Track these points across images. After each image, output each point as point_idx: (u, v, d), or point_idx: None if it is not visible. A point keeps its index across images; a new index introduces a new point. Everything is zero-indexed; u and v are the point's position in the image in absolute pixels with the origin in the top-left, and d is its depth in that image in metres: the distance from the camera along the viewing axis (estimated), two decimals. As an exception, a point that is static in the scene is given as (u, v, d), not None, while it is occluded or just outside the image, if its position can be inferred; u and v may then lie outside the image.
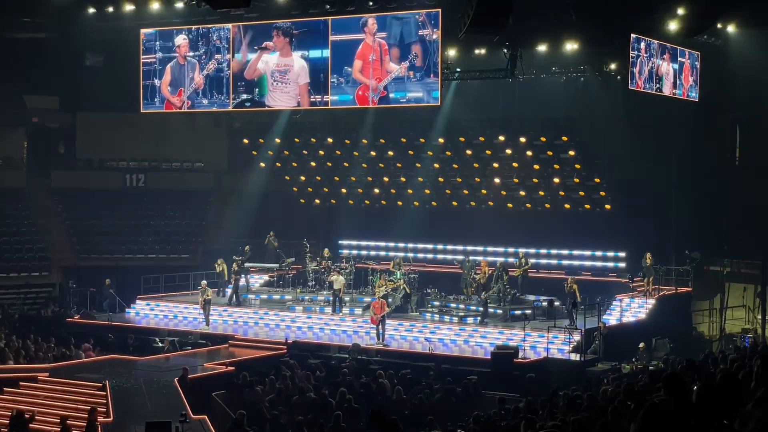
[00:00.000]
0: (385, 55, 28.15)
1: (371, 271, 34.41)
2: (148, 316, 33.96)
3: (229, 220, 39.92)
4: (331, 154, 39.56)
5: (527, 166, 35.08)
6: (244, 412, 20.23)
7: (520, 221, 35.55)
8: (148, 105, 32.28)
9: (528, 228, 35.15)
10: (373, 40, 28.21)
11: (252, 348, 28.60)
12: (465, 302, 31.78)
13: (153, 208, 41.57)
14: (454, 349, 28.23)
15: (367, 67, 28.37)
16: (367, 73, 28.32)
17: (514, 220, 35.65)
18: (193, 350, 28.85)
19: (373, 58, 28.29)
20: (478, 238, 35.63)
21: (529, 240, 34.76)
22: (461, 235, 36.41)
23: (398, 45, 27.98)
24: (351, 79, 28.55)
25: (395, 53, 28.05)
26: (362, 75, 28.40)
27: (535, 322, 29.08)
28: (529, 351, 26.52)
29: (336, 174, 40.13)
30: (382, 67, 28.18)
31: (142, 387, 24.08)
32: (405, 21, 27.85)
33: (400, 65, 27.85)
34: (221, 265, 34.33)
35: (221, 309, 32.96)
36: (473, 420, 16.22)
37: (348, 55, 28.59)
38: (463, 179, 37.07)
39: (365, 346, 27.65)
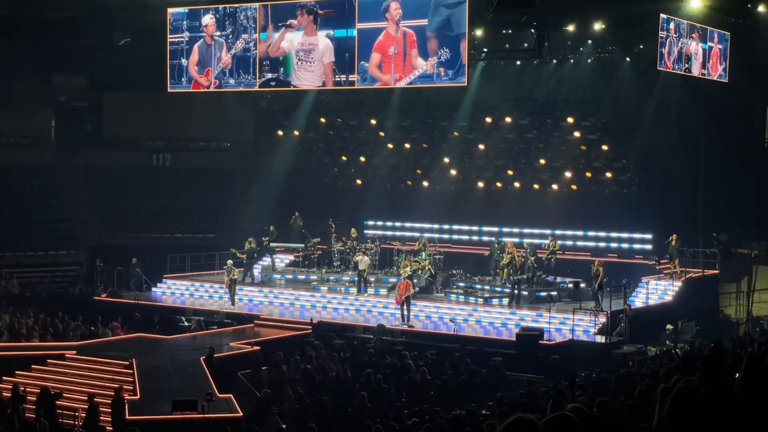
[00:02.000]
0: (411, 48, 26.63)
1: (396, 251, 34.42)
2: (174, 294, 34.14)
3: (254, 200, 39.99)
4: (356, 135, 39.51)
5: (554, 147, 34.89)
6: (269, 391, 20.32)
7: (546, 203, 35.43)
8: (175, 85, 32.31)
9: (554, 209, 35.01)
10: (396, 29, 27.29)
11: (277, 328, 28.69)
12: (490, 283, 31.71)
13: (179, 187, 41.69)
14: (479, 330, 28.23)
15: (387, 61, 27.08)
16: (387, 68, 27.37)
17: (540, 201, 35.52)
18: (218, 329, 28.98)
19: (394, 51, 27.12)
20: (504, 220, 35.52)
21: (555, 222, 34.62)
22: (487, 216, 36.31)
23: (438, 36, 26.32)
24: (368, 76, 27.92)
25: (432, 46, 26.22)
26: (380, 71, 27.51)
27: (560, 304, 29.03)
28: (554, 333, 26.47)
29: (361, 154, 40.09)
30: (405, 62, 26.89)
31: (169, 365, 24.22)
32: (455, 6, 25.48)
33: (428, 61, 26.76)
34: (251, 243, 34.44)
35: (247, 288, 33.09)
36: (497, 402, 16.21)
37: (369, 45, 27.76)
38: (489, 160, 36.93)
39: (390, 327, 27.66)
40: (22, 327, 27.91)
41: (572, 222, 34.82)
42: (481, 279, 32.31)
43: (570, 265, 32.64)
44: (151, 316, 30.05)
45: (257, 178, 40.72)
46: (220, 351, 24.72)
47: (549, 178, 35.64)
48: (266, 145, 41.86)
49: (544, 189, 35.86)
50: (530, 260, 30.29)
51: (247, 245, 34.10)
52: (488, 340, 26.46)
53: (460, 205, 37.24)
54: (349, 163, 40.79)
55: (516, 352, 24.90)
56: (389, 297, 31.21)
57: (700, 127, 32.90)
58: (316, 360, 23.59)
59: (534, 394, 16.68)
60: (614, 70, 32.50)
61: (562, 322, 27.38)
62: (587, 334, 26.66)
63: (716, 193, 32.79)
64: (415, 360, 23.17)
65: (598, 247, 34.22)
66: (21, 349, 25.64)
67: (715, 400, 5.00)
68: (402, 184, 39.79)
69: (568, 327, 26.66)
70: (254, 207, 39.40)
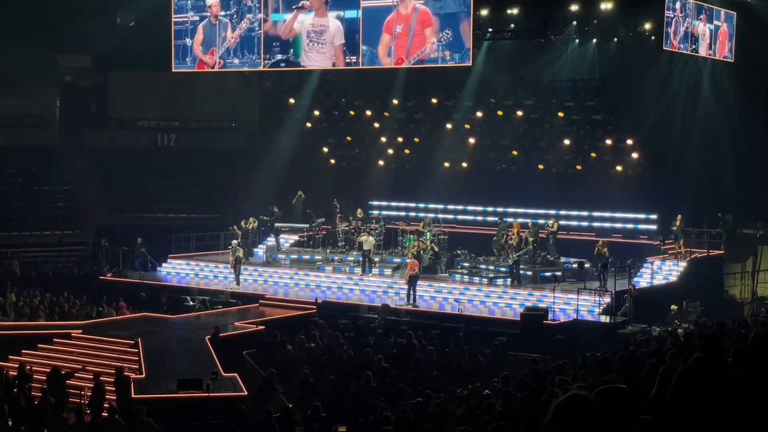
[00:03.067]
0: (423, 26, 26.62)
1: (401, 231, 34.43)
2: (179, 274, 34.24)
3: (259, 180, 40.00)
4: (361, 115, 39.45)
5: (559, 127, 34.81)
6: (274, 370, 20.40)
7: (550, 183, 35.30)
8: (180, 64, 32.29)
9: (559, 190, 34.94)
10: (407, 7, 27.24)
11: (282, 308, 28.76)
12: (495, 263, 31.74)
13: (184, 167, 41.70)
14: (483, 310, 28.28)
15: (401, 41, 27.17)
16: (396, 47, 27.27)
17: (545, 181, 35.40)
18: (223, 309, 29.08)
19: (400, 30, 27.03)
20: (509, 200, 35.46)
21: (559, 202, 34.58)
22: (492, 196, 36.26)
23: (441, 16, 26.42)
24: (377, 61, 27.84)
25: (435, 26, 26.28)
26: (387, 51, 27.34)
27: (564, 284, 29.04)
28: (558, 313, 26.51)
29: (366, 134, 40.03)
30: (411, 42, 26.88)
31: (174, 345, 24.32)
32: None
33: (431, 42, 26.61)
34: (253, 223, 34.49)
35: (252, 268, 33.16)
36: (501, 380, 16.26)
37: (378, 24, 27.72)
38: (494, 141, 36.85)
39: (395, 306, 27.73)
40: (27, 306, 28.01)
41: (577, 202, 34.77)
42: (486, 259, 32.32)
43: (574, 245, 32.64)
44: (156, 295, 30.13)
45: (262, 158, 40.71)
46: (225, 330, 24.79)
47: (553, 158, 35.55)
48: (271, 125, 41.81)
49: (549, 169, 35.79)
50: (530, 240, 30.21)
51: (243, 224, 34.08)
52: (493, 320, 26.52)
53: (464, 185, 37.17)
54: (354, 143, 40.73)
55: (520, 331, 24.97)
56: (394, 277, 31.26)
57: (707, 107, 32.80)
58: (321, 339, 23.66)
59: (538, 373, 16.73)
60: (620, 49, 32.40)
61: (566, 302, 27.40)
62: (592, 314, 26.71)
63: (722, 173, 32.70)
64: (419, 339, 23.22)
65: (603, 227, 34.20)
66: (27, 328, 25.76)
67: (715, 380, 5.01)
68: (407, 165, 39.73)
69: (573, 307, 26.69)
70: (259, 187, 39.42)
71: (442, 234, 33.23)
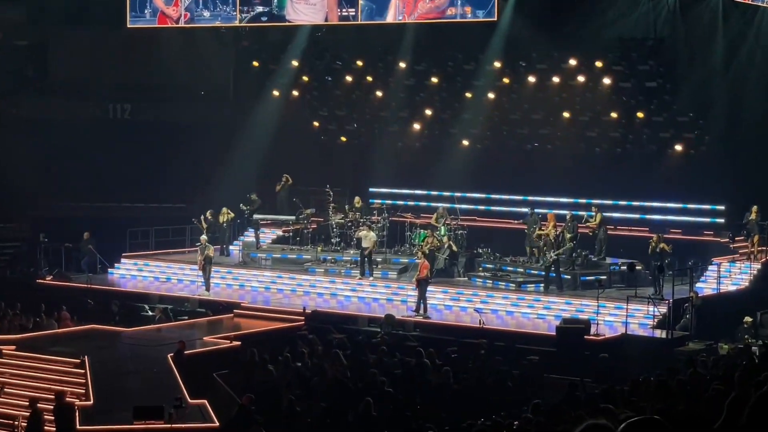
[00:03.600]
0: None
1: (409, 225, 34.40)
2: (135, 278, 34.23)
3: (235, 161, 39.91)
4: (360, 81, 39.37)
5: (604, 97, 34.73)
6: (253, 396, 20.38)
7: (594, 166, 35.27)
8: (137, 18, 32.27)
9: (604, 174, 34.89)
10: None
11: (262, 319, 28.78)
12: (525, 265, 31.69)
13: (141, 145, 41.57)
14: (511, 322, 28.27)
15: None
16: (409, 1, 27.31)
17: (587, 164, 35.37)
18: (190, 320, 29.09)
19: None
20: (542, 187, 35.42)
21: (604, 189, 34.53)
22: (521, 182, 36.21)
23: None
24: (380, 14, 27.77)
25: None
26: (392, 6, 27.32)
27: (611, 291, 29.01)
28: (603, 326, 26.48)
29: (366, 106, 39.95)
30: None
31: (129, 364, 24.31)
32: None
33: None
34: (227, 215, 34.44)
35: (224, 270, 33.14)
36: (532, 409, 16.24)
37: None
38: (524, 113, 36.78)
39: (401, 318, 27.72)
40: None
41: (626, 190, 34.71)
42: (513, 259, 32.28)
43: (622, 242, 32.60)
44: (107, 303, 30.11)
45: (238, 134, 40.60)
46: (192, 347, 24.79)
47: (598, 135, 35.49)
48: (249, 94, 41.69)
49: (592, 149, 35.73)
50: (567, 236, 30.20)
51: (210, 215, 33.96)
52: (522, 335, 26.50)
53: (487, 168, 37.10)
54: (351, 116, 40.66)
55: (556, 349, 24.95)
56: (400, 281, 31.23)
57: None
58: (310, 358, 23.66)
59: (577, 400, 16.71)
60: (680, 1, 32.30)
61: (612, 312, 27.40)
62: (644, 327, 26.70)
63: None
64: (431, 359, 23.21)
65: (659, 220, 34.16)
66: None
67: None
68: (416, 143, 39.67)
69: (621, 319, 26.66)
70: (234, 170, 39.33)
71: (459, 228, 33.19)
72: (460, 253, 32.22)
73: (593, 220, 31.95)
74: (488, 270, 31.78)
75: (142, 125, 41.70)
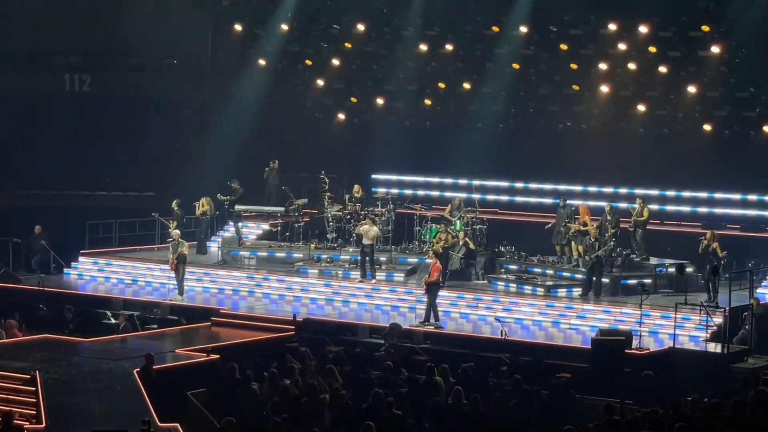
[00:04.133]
0: None
1: (418, 219, 34.40)
2: (95, 279, 34.21)
3: (213, 143, 39.91)
4: (362, 49, 39.34)
5: (649, 68, 34.70)
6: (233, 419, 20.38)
7: (636, 150, 35.25)
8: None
9: (648, 160, 34.90)
10: None
11: (245, 328, 28.72)
12: (555, 266, 31.66)
13: (104, 123, 41.53)
14: (538, 334, 28.25)
15: None
16: None
17: (628, 148, 35.33)
18: (160, 329, 29.06)
19: None
20: (576, 175, 35.42)
21: (648, 178, 34.56)
22: (550, 169, 36.22)
23: None
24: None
25: None
26: None
27: (656, 297, 29.00)
28: (646, 339, 26.45)
29: (369, 78, 39.91)
30: None
31: (88, 381, 24.27)
32: None
33: None
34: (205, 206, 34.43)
35: (201, 271, 33.19)
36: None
37: None
38: (555, 88, 36.74)
39: (408, 327, 27.72)
40: None
41: (675, 178, 34.72)
42: (542, 259, 32.25)
43: (671, 240, 32.58)
44: (62, 309, 30.08)
45: (217, 110, 40.58)
46: (163, 361, 24.74)
47: (643, 115, 35.45)
48: (229, 63, 41.66)
49: (635, 130, 35.68)
50: (610, 231, 30.19)
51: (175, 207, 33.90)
52: (551, 348, 26.47)
53: (511, 152, 37.10)
54: (351, 90, 40.61)
55: (591, 365, 24.90)
56: (408, 284, 31.22)
57: None
58: (302, 375, 23.65)
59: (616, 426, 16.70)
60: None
61: (658, 322, 27.40)
62: (695, 340, 26.67)
63: None
64: (444, 376, 23.20)
65: (713, 214, 34.14)
66: None
67: None
68: (427, 122, 39.65)
69: (668, 330, 26.66)
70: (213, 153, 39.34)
71: (478, 222, 33.19)
72: (478, 252, 32.23)
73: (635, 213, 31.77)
74: (512, 272, 31.75)
75: (104, 99, 41.61)
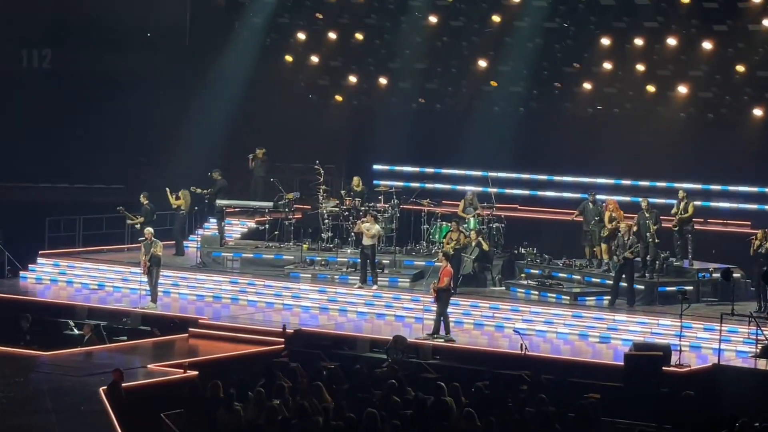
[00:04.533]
0: None
1: (426, 216, 34.34)
2: (56, 282, 34.19)
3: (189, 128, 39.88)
4: (360, 21, 39.32)
5: (692, 44, 34.68)
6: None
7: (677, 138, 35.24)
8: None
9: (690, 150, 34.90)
10: None
11: (227, 341, 28.72)
12: (583, 271, 31.60)
13: (66, 105, 41.53)
14: (563, 348, 28.21)
15: None
16: None
17: (669, 135, 35.32)
18: (130, 342, 29.03)
19: None
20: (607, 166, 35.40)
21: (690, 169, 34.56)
22: (577, 159, 36.20)
23: None
24: None
25: None
26: None
27: (699, 306, 28.95)
28: (687, 354, 26.40)
29: (369, 54, 39.89)
30: None
31: (47, 400, 24.25)
32: None
33: None
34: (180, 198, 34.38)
35: (178, 275, 33.15)
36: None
37: None
38: (585, 66, 36.72)
39: (414, 340, 27.69)
40: None
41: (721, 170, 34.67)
42: (568, 263, 32.19)
43: (715, 240, 32.52)
44: (17, 318, 30.07)
45: (195, 91, 40.56)
46: (133, 378, 24.71)
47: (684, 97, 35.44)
48: (210, 38, 41.67)
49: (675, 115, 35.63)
50: (651, 229, 30.09)
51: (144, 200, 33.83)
52: (578, 365, 26.44)
53: (533, 140, 37.09)
54: (348, 67, 40.58)
55: (624, 384, 24.86)
56: (414, 291, 31.16)
57: None
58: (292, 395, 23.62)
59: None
60: None
61: (701, 336, 27.36)
62: (743, 356, 26.58)
63: None
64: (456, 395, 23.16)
65: (764, 210, 34.10)
66: None
67: None
68: (436, 104, 39.61)
69: (712, 345, 26.64)
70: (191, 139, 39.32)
71: (494, 220, 33.15)
72: (494, 254, 32.16)
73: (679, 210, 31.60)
74: (533, 277, 31.68)
75: (67, 78, 41.62)
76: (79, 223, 35.83)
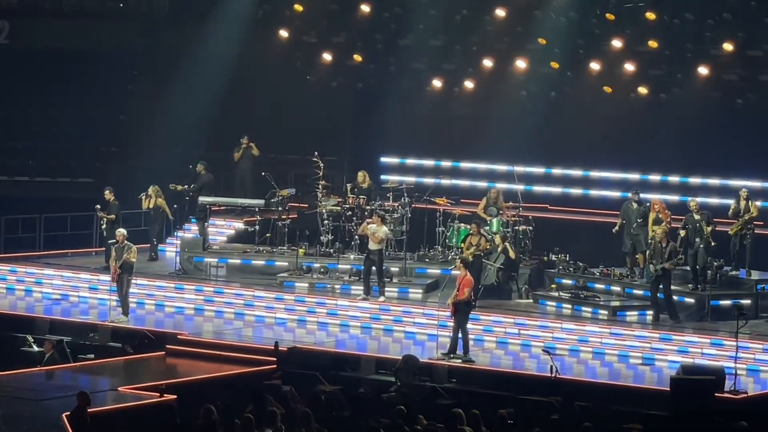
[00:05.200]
0: None
1: (441, 217, 34.36)
2: (12, 291, 34.22)
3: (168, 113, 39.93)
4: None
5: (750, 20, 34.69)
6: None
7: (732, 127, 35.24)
8: None
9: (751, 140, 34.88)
10: None
11: (210, 360, 28.71)
12: (623, 282, 31.58)
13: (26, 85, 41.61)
14: (600, 371, 28.19)
15: None
16: None
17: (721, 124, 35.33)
18: (98, 360, 29.04)
19: None
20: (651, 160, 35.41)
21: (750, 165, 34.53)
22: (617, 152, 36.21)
23: None
24: None
25: None
26: None
27: (757, 323, 28.96)
28: (743, 378, 26.38)
29: (377, 31, 39.93)
30: None
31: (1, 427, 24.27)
32: None
33: None
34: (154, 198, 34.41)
35: (153, 284, 33.14)
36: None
37: None
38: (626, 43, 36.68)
39: (428, 360, 27.69)
40: None
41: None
42: (606, 272, 32.17)
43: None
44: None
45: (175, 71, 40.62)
46: (101, 402, 24.71)
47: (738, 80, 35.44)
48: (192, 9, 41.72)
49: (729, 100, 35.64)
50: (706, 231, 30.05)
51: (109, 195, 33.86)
52: (617, 390, 26.39)
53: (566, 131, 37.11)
54: (352, 47, 40.62)
55: (670, 413, 24.83)
56: (427, 304, 31.15)
57: None
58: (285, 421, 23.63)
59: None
60: None
61: (759, 358, 27.31)
62: (810, 382, 26.63)
63: None
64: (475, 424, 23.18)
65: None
66: None
67: None
68: (454, 88, 39.62)
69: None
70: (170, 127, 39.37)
71: (521, 222, 33.16)
72: (521, 261, 32.15)
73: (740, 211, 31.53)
74: (565, 288, 31.66)
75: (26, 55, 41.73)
76: (39, 223, 35.89)
